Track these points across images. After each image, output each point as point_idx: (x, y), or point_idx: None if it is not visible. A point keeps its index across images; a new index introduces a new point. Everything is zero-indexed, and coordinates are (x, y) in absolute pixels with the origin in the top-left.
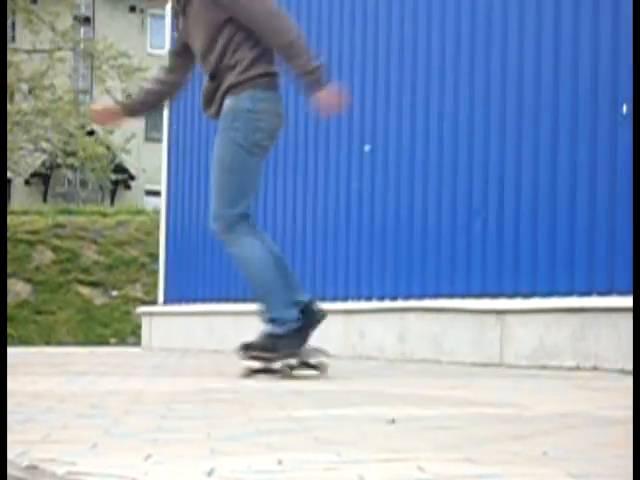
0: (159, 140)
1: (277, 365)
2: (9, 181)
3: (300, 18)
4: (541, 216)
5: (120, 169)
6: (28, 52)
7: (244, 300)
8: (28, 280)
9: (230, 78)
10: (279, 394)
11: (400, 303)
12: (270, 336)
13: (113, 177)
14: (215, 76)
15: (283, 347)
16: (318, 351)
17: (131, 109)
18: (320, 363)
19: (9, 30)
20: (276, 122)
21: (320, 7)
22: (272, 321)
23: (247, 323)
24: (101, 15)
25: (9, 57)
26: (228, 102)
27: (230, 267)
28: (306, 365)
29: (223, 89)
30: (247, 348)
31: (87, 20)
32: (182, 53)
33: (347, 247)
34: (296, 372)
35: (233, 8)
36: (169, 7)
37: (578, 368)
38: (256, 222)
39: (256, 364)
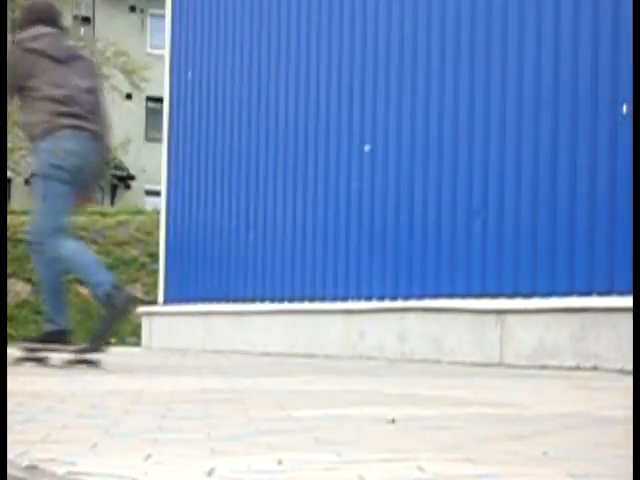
0: (159, 140)
1: (42, 354)
2: (9, 181)
3: (300, 18)
4: (541, 216)
5: (119, 167)
6: None
7: (244, 300)
8: (28, 280)
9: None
10: (279, 394)
11: (400, 303)
12: (49, 334)
13: (116, 172)
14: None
15: (58, 342)
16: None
17: None
18: (97, 360)
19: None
20: (72, 160)
21: (320, 6)
22: (51, 321)
23: (247, 323)
24: (101, 15)
25: None
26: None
27: (230, 267)
28: (84, 361)
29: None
30: (24, 342)
31: (87, 20)
32: None
33: (347, 247)
34: (71, 365)
35: None
36: (169, 7)
37: (578, 368)
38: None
39: (20, 353)
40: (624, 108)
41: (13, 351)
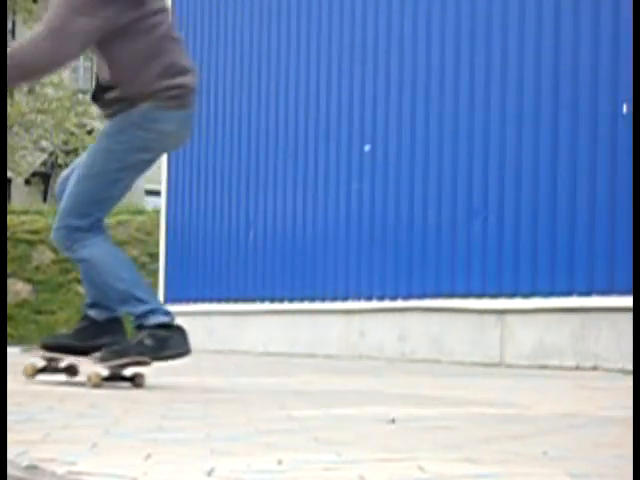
0: None
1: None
2: (9, 181)
3: (300, 19)
4: (541, 216)
5: None
6: None
7: (244, 300)
8: (28, 280)
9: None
10: (279, 394)
11: (400, 303)
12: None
13: None
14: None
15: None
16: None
17: None
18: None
19: (9, 29)
20: (167, 143)
21: (320, 7)
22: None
23: (247, 323)
24: None
25: None
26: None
27: (230, 267)
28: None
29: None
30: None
31: None
32: None
33: (347, 247)
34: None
35: None
36: (168, 7)
37: (578, 368)
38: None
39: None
40: (624, 108)
41: None
